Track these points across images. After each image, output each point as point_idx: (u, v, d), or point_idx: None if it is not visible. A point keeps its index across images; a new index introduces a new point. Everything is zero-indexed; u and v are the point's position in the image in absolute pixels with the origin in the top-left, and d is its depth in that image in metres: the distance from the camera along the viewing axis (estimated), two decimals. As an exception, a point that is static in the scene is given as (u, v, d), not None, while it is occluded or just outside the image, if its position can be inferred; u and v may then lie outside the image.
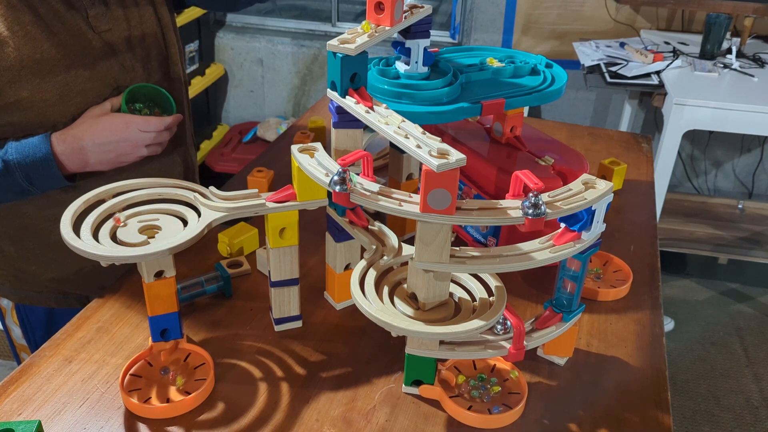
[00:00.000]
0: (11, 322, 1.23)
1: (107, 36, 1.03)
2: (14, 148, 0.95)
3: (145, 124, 1.01)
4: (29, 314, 1.20)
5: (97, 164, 1.01)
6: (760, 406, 2.16)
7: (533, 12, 2.85)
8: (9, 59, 0.92)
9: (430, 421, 0.76)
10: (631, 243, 1.11)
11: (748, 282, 2.74)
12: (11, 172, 0.95)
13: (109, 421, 0.74)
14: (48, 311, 1.19)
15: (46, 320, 1.19)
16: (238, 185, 1.19)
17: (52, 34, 0.96)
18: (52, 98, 0.97)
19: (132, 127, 1.00)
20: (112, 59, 1.04)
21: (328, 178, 0.72)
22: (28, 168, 0.96)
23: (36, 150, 0.95)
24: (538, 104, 0.98)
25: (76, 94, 0.99)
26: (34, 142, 0.96)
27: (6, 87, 0.93)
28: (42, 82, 0.95)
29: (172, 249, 0.71)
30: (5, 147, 0.96)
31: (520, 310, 0.95)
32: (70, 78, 0.98)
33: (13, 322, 1.23)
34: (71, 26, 0.98)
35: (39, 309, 1.19)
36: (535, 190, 0.65)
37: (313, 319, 0.92)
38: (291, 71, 3.19)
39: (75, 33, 0.99)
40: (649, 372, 0.85)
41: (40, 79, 0.95)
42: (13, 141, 0.96)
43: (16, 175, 0.96)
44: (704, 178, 3.08)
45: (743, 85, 2.27)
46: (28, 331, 1.22)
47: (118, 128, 0.99)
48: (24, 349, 1.26)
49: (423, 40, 0.92)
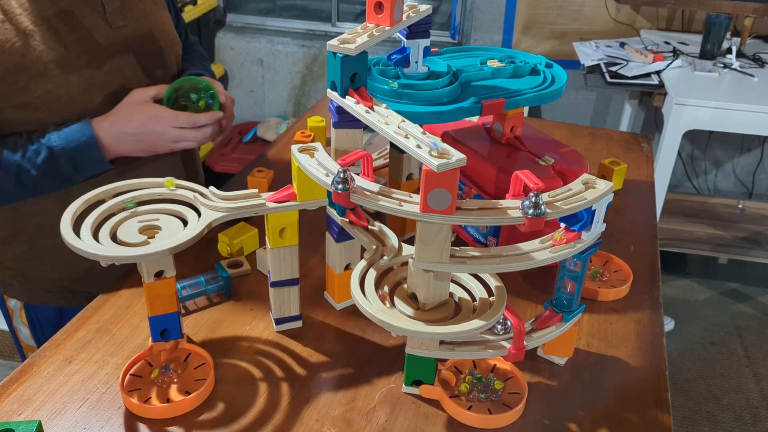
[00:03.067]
0: (19, 322, 1.23)
1: (122, 32, 1.05)
2: (56, 135, 0.97)
3: (174, 119, 1.02)
4: (38, 314, 1.20)
5: (132, 151, 1.03)
6: (760, 406, 2.16)
7: (533, 12, 2.85)
8: (35, 52, 0.94)
9: (430, 421, 0.76)
10: (631, 243, 1.11)
11: (748, 282, 2.75)
12: (56, 159, 0.97)
13: (109, 421, 0.74)
14: (57, 311, 1.19)
15: (56, 320, 1.20)
16: (238, 185, 1.19)
17: (74, 28, 0.98)
18: (77, 92, 0.99)
19: (162, 122, 1.01)
20: (126, 55, 1.05)
21: (328, 178, 0.72)
22: (72, 153, 0.97)
23: (79, 134, 0.97)
24: (538, 104, 0.98)
25: (98, 88, 1.01)
26: (75, 127, 0.98)
27: (32, 81, 0.95)
28: (67, 76, 0.97)
29: (172, 249, 0.71)
30: (46, 135, 0.97)
31: (520, 310, 0.95)
32: (93, 72, 1.00)
33: (22, 323, 1.23)
34: (91, 21, 1.01)
35: (48, 309, 1.19)
36: (535, 190, 0.65)
37: (313, 319, 0.92)
38: (291, 71, 3.19)
39: (95, 27, 1.01)
40: (649, 372, 0.85)
41: (65, 73, 0.97)
42: (53, 129, 0.98)
43: (60, 161, 0.97)
44: (704, 178, 3.08)
45: (743, 85, 2.27)
46: (38, 331, 1.22)
47: (149, 121, 1.01)
48: (31, 350, 1.27)
49: (423, 40, 0.92)
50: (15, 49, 0.93)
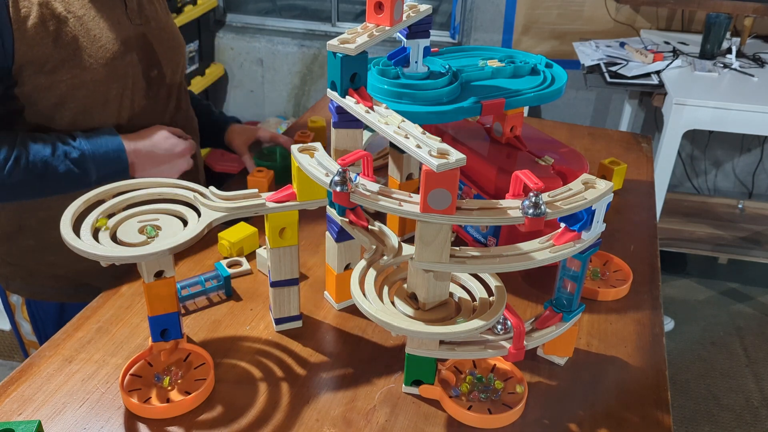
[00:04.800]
0: (21, 318, 1.24)
1: (140, 29, 1.08)
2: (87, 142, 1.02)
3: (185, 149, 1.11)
4: (40, 310, 1.21)
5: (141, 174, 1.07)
6: (760, 406, 2.16)
7: (533, 12, 2.85)
8: (67, 38, 0.97)
9: (430, 421, 0.76)
10: (631, 243, 1.11)
11: (748, 282, 2.74)
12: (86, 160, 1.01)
13: (109, 421, 0.74)
14: (59, 306, 1.19)
15: (57, 315, 1.20)
16: (238, 185, 1.19)
17: (102, 19, 1.02)
18: (100, 80, 1.02)
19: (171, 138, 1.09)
20: (142, 50, 1.08)
21: (328, 178, 0.72)
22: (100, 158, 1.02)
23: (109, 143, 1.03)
24: (538, 104, 0.98)
25: (117, 78, 1.04)
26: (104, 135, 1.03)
27: (60, 65, 0.98)
28: (93, 63, 1.00)
29: (172, 249, 0.71)
30: (77, 139, 1.01)
31: (520, 310, 0.95)
32: (115, 62, 1.03)
33: (24, 318, 1.23)
34: (115, 14, 1.04)
35: (50, 304, 1.20)
36: (535, 190, 0.65)
37: (313, 319, 0.92)
38: (291, 71, 3.19)
39: (118, 21, 1.05)
40: (649, 372, 0.85)
41: (91, 60, 1.00)
42: (81, 135, 1.02)
43: (89, 164, 1.01)
44: (704, 178, 3.08)
45: (743, 85, 2.27)
46: (39, 326, 1.23)
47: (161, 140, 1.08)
48: (34, 345, 1.27)
49: (423, 40, 0.92)
50: (49, 32, 0.96)
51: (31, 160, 0.97)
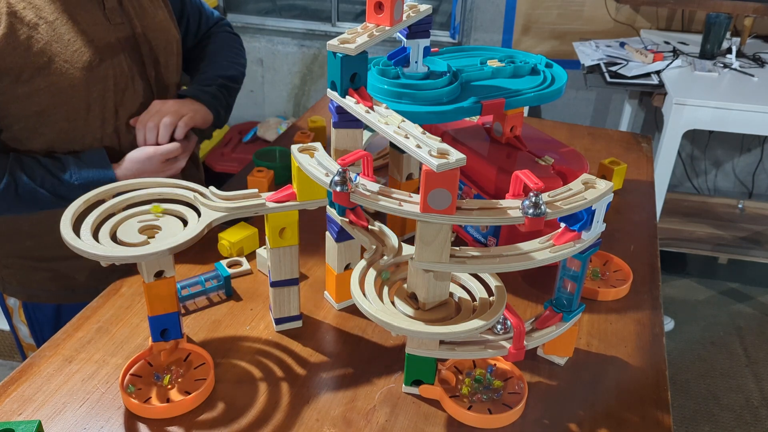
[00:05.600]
0: (18, 321, 1.23)
1: (121, 29, 1.06)
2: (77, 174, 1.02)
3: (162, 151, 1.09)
4: (37, 312, 1.20)
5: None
6: (760, 406, 2.16)
7: (533, 12, 2.85)
8: (39, 45, 0.96)
9: (430, 421, 0.76)
10: (631, 243, 1.11)
11: (748, 282, 2.75)
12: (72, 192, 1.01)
13: (109, 421, 0.74)
14: (55, 309, 1.19)
15: (54, 318, 1.20)
16: (238, 185, 1.19)
17: (76, 22, 1.00)
18: (79, 84, 1.00)
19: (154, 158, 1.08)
20: (123, 52, 1.06)
21: (328, 178, 0.72)
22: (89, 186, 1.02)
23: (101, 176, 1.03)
24: (538, 104, 0.98)
25: (98, 81, 1.03)
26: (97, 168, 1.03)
27: (36, 73, 0.96)
28: (69, 68, 0.99)
29: (172, 249, 0.71)
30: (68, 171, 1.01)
31: (520, 310, 0.95)
32: (94, 65, 1.01)
33: (21, 321, 1.23)
34: (92, 16, 1.02)
35: (46, 307, 1.19)
36: (535, 190, 0.65)
37: (313, 319, 0.92)
38: (291, 71, 3.19)
39: (95, 22, 1.03)
40: (649, 372, 0.85)
41: (68, 65, 0.98)
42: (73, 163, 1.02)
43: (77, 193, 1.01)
44: (704, 178, 3.08)
45: (743, 85, 2.27)
46: (36, 329, 1.22)
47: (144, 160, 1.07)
48: (31, 348, 1.27)
49: (423, 40, 0.92)
50: (20, 42, 0.94)
51: (20, 192, 0.99)
